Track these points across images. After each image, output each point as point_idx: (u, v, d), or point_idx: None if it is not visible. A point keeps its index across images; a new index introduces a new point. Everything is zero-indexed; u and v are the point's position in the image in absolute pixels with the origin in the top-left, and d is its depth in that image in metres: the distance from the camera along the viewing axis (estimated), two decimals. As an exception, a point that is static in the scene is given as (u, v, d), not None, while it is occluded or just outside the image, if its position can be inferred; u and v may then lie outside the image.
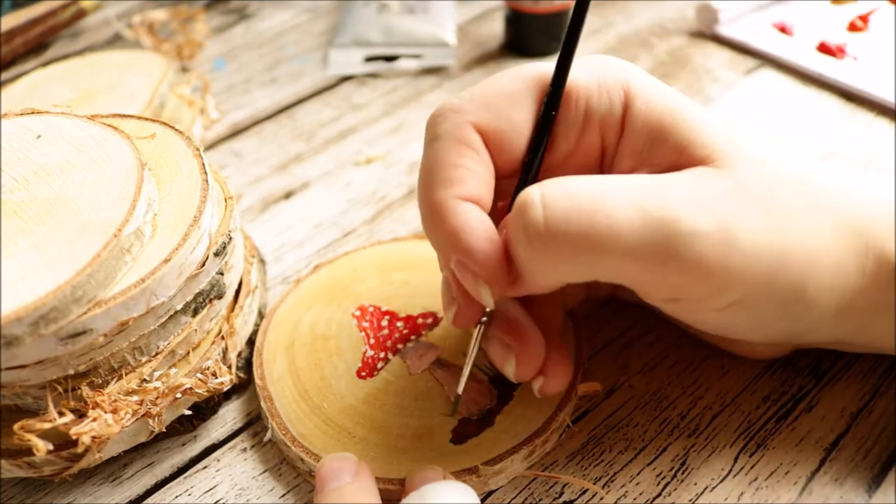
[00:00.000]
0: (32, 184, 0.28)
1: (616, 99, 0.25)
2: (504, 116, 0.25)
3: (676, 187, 0.23)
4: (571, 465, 0.29)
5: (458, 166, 0.25)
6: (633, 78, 0.26)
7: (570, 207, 0.22)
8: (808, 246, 0.23)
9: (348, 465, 0.26)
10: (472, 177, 0.25)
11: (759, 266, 0.23)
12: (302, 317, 0.34)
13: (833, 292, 0.24)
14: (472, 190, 0.24)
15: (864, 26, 0.51)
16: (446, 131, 0.25)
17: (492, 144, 0.25)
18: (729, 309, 0.24)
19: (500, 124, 0.25)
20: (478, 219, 0.24)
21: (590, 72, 0.26)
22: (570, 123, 0.26)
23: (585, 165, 0.27)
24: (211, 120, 0.49)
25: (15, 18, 0.56)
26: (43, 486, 0.30)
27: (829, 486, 0.28)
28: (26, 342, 0.24)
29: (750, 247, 0.22)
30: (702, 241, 0.22)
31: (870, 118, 0.45)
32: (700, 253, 0.22)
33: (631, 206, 0.22)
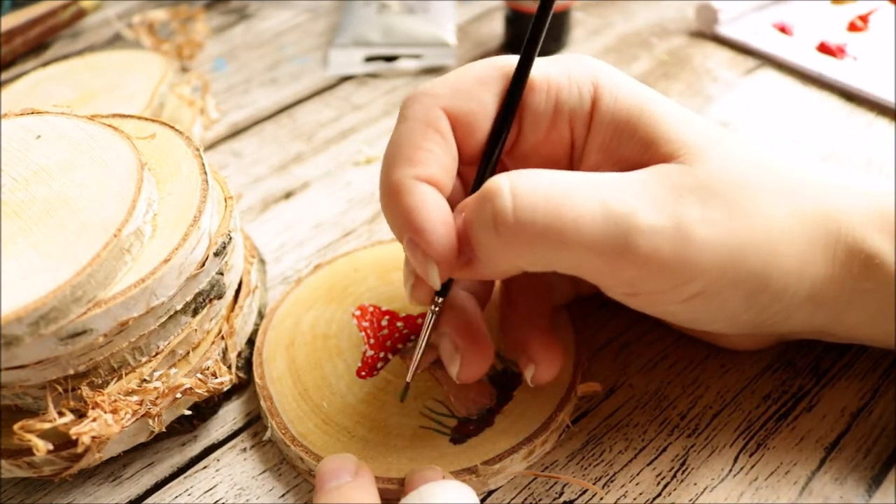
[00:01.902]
0: (32, 184, 0.28)
1: (585, 93, 0.26)
2: (475, 100, 0.26)
3: (637, 184, 0.23)
4: (571, 465, 0.29)
5: (421, 148, 0.25)
6: (602, 73, 0.26)
7: (537, 199, 0.22)
8: (771, 235, 0.24)
9: (348, 464, 0.27)
10: (434, 159, 0.25)
11: (718, 259, 0.23)
12: (302, 316, 0.34)
13: (801, 280, 0.25)
14: (431, 171, 0.25)
15: (864, 26, 0.51)
16: (415, 113, 0.26)
17: (460, 129, 0.26)
18: (691, 301, 0.24)
19: (470, 108, 0.26)
20: (433, 200, 0.24)
21: (560, 66, 0.26)
22: (539, 114, 0.26)
23: (554, 158, 0.27)
24: (211, 120, 0.49)
25: (15, 18, 0.56)
26: (43, 486, 0.30)
27: (829, 486, 0.28)
28: (26, 342, 0.24)
29: (706, 241, 0.23)
30: (656, 236, 0.22)
31: (870, 118, 0.45)
32: (654, 248, 0.22)
33: (594, 200, 0.22)
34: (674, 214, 0.23)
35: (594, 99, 0.26)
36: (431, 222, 0.24)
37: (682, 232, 0.23)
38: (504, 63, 0.26)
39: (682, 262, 0.23)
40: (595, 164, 0.26)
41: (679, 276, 0.23)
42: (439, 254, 0.24)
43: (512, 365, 0.31)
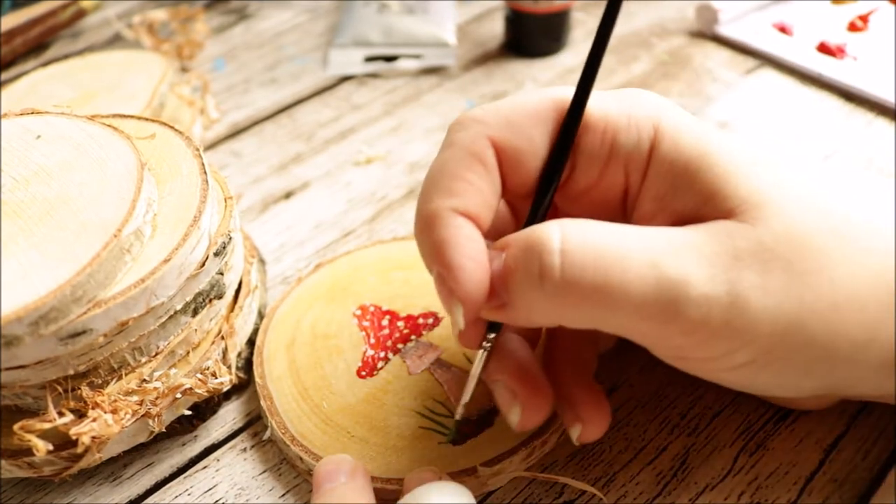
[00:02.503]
0: (32, 184, 0.28)
1: (645, 136, 0.24)
2: (524, 135, 0.24)
3: (692, 245, 0.22)
4: (571, 465, 0.29)
5: (462, 179, 0.24)
6: (665, 115, 0.24)
7: (586, 258, 0.21)
8: (837, 302, 0.22)
9: (344, 466, 0.27)
10: (474, 192, 0.24)
11: (772, 328, 0.21)
12: (303, 316, 0.34)
13: (870, 349, 0.22)
14: (469, 205, 0.24)
15: (864, 26, 0.51)
16: (461, 140, 0.24)
17: (507, 162, 0.25)
18: (742, 369, 0.23)
19: (518, 143, 0.24)
20: (467, 235, 0.23)
21: (621, 104, 0.25)
22: (593, 155, 0.25)
23: (606, 202, 0.26)
24: (211, 120, 0.49)
25: (15, 18, 0.56)
26: (43, 486, 0.30)
27: (828, 487, 0.28)
28: (26, 342, 0.24)
29: (761, 311, 0.21)
30: (708, 304, 0.21)
31: (870, 118, 0.45)
32: (704, 316, 0.21)
33: (646, 263, 0.21)
34: (728, 281, 0.21)
35: (653, 144, 0.24)
36: (462, 259, 0.23)
37: (735, 300, 0.21)
38: (561, 97, 0.25)
39: (732, 331, 0.21)
40: (649, 213, 0.25)
41: (730, 344, 0.22)
42: (466, 294, 0.23)
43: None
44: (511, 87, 0.51)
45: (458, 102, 0.50)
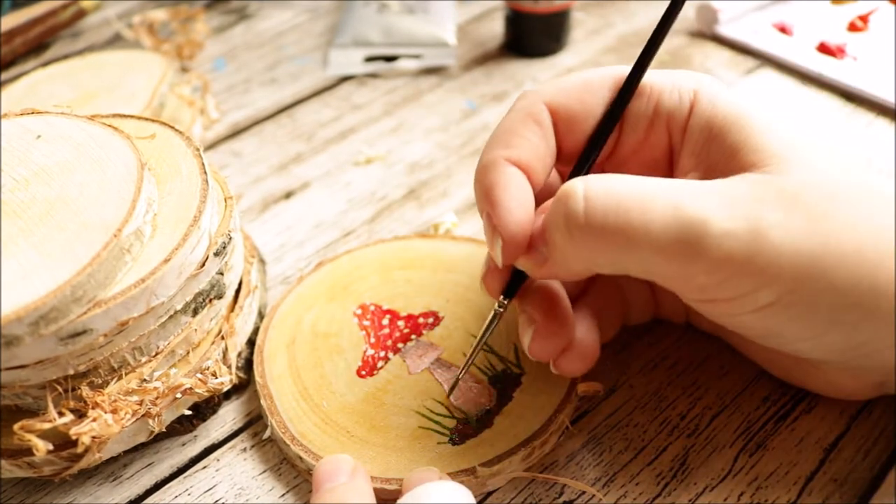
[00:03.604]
0: (32, 184, 0.28)
1: (686, 98, 0.26)
2: (579, 100, 0.27)
3: (714, 191, 0.23)
4: (571, 465, 0.29)
5: (517, 134, 0.26)
6: (705, 81, 0.27)
7: (609, 202, 0.23)
8: (862, 249, 0.22)
9: (344, 465, 0.27)
10: (528, 146, 0.26)
11: (795, 266, 0.22)
12: (304, 314, 0.34)
13: None
14: (522, 156, 0.26)
15: (864, 26, 0.51)
16: (520, 105, 0.27)
17: (561, 125, 0.27)
18: (766, 310, 0.23)
19: (573, 107, 0.27)
20: (516, 180, 0.26)
21: (664, 73, 0.27)
22: (639, 116, 0.27)
23: (652, 163, 0.28)
24: (211, 120, 0.49)
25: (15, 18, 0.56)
26: (43, 486, 0.30)
27: (828, 487, 0.28)
28: (26, 342, 0.24)
29: (783, 248, 0.22)
30: (729, 239, 0.22)
31: (870, 118, 0.45)
32: (727, 252, 0.22)
33: (666, 205, 0.23)
34: (749, 219, 0.22)
35: (693, 104, 0.26)
36: (508, 200, 0.25)
37: (757, 237, 0.22)
38: (612, 70, 0.28)
39: (755, 267, 0.22)
40: (687, 168, 0.26)
41: (752, 282, 0.22)
42: (507, 231, 0.25)
43: (512, 366, 0.31)
44: (511, 87, 0.51)
45: (458, 102, 0.50)
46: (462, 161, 0.45)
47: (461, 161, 0.45)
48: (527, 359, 0.31)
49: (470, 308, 0.34)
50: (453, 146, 0.46)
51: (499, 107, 0.49)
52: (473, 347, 0.29)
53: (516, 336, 0.32)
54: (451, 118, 0.48)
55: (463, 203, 0.42)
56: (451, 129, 0.47)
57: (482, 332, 0.29)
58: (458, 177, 0.44)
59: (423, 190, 0.43)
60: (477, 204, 0.27)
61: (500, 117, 0.48)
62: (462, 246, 0.37)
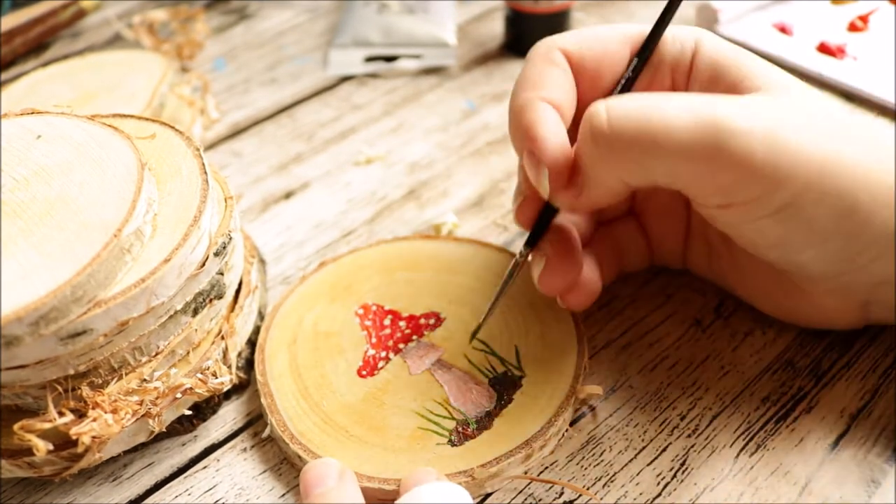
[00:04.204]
0: (32, 184, 0.28)
1: (687, 47, 0.29)
2: (589, 48, 0.29)
3: (728, 99, 0.25)
4: (571, 465, 0.29)
5: (544, 77, 0.28)
6: (704, 33, 0.29)
7: (630, 111, 0.25)
8: (860, 158, 0.25)
9: (331, 469, 0.27)
10: (556, 85, 0.28)
11: (808, 167, 0.24)
12: (305, 314, 0.34)
13: (889, 215, 0.25)
14: (553, 94, 0.28)
15: (864, 26, 0.51)
16: (538, 53, 0.29)
17: (576, 70, 0.29)
18: (780, 214, 0.25)
19: (584, 52, 0.29)
20: (551, 116, 0.27)
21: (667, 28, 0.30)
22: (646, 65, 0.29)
23: None
24: (211, 120, 0.49)
25: (15, 18, 0.56)
26: (43, 486, 0.30)
27: (828, 487, 0.28)
28: (26, 342, 0.24)
29: (798, 148, 0.24)
30: (749, 137, 0.24)
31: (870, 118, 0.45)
32: (747, 148, 0.24)
33: (685, 109, 0.24)
34: (765, 119, 0.24)
35: (695, 50, 0.29)
36: (548, 132, 0.27)
37: (773, 135, 0.24)
38: (622, 27, 0.30)
39: (774, 165, 0.24)
40: None
41: (770, 181, 0.24)
42: (551, 159, 0.27)
43: (512, 368, 0.31)
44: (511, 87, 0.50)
45: (458, 102, 0.50)
46: (462, 161, 0.45)
47: (461, 161, 0.45)
48: (527, 361, 0.31)
49: (471, 309, 0.34)
50: (453, 146, 0.46)
51: (499, 107, 0.49)
52: (495, 296, 0.31)
53: (517, 338, 0.32)
54: (451, 118, 0.48)
55: (463, 203, 0.42)
56: (451, 129, 0.47)
57: (505, 279, 0.31)
58: (458, 177, 0.44)
59: (423, 190, 0.43)
60: (515, 145, 0.29)
61: (501, 117, 0.48)
62: (464, 247, 0.37)
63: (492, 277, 0.35)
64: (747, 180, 0.24)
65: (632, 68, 0.29)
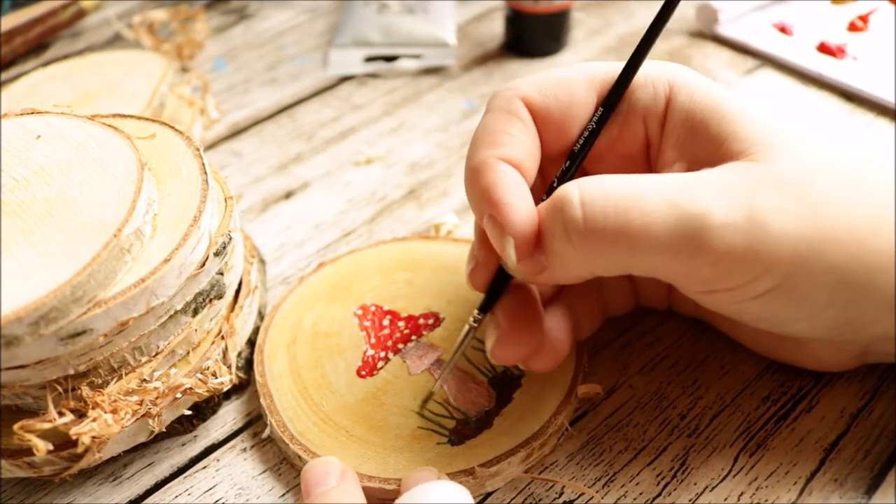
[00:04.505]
0: (32, 184, 0.28)
1: (660, 91, 0.27)
2: (553, 95, 0.27)
3: (708, 183, 0.23)
4: (571, 465, 0.29)
5: (504, 132, 0.26)
6: (678, 73, 0.27)
7: (607, 205, 0.23)
8: (854, 226, 0.23)
9: (333, 469, 0.27)
10: (516, 142, 0.26)
11: (793, 250, 0.23)
12: (304, 314, 0.34)
13: (889, 275, 0.24)
14: (513, 153, 0.26)
15: (864, 26, 0.51)
16: (497, 104, 0.27)
17: (540, 121, 0.27)
18: (767, 296, 0.24)
19: (548, 102, 0.27)
20: (513, 178, 0.25)
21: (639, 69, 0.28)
22: (615, 113, 0.27)
23: (629, 156, 0.28)
24: (211, 120, 0.49)
25: (15, 18, 0.56)
26: (43, 486, 0.30)
27: (828, 487, 0.28)
28: (26, 342, 0.24)
29: (781, 234, 0.23)
30: (730, 231, 0.22)
31: (870, 118, 0.45)
32: (729, 243, 0.22)
33: (664, 203, 0.23)
34: (747, 207, 0.23)
35: (669, 97, 0.26)
36: (510, 197, 0.25)
37: (755, 224, 0.23)
38: (586, 68, 0.28)
39: (756, 255, 0.23)
40: (671, 160, 0.27)
41: (754, 270, 0.23)
42: (517, 228, 0.24)
43: (512, 368, 0.31)
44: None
45: (458, 102, 0.50)
46: (462, 161, 0.45)
47: (461, 161, 0.45)
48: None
49: (470, 310, 0.34)
50: (453, 146, 0.46)
51: (499, 107, 0.49)
52: (448, 362, 0.29)
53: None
54: (451, 118, 0.48)
55: (463, 203, 0.42)
56: (451, 129, 0.47)
57: (456, 347, 0.29)
58: (458, 177, 0.44)
59: (423, 190, 0.43)
60: (473, 207, 0.27)
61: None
62: (463, 248, 0.37)
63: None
64: (730, 272, 0.23)
65: (596, 119, 0.27)
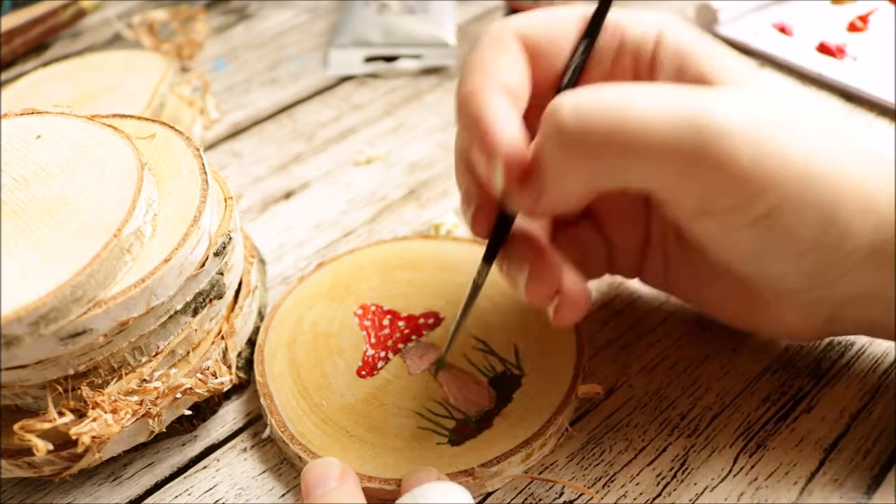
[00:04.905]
0: (32, 184, 0.28)
1: (650, 32, 0.26)
2: (543, 30, 0.26)
3: (709, 91, 0.23)
4: (571, 466, 0.29)
5: (495, 62, 0.25)
6: (667, 19, 0.27)
7: (601, 105, 0.22)
8: (840, 167, 0.23)
9: (333, 469, 0.26)
10: (507, 70, 0.25)
11: (792, 173, 0.22)
12: (304, 314, 0.34)
13: (867, 223, 0.24)
14: (504, 78, 0.25)
15: (864, 26, 0.51)
16: (491, 37, 0.26)
17: (531, 55, 0.26)
18: (759, 224, 0.23)
19: (538, 36, 0.26)
20: (504, 105, 0.24)
21: (626, 12, 0.27)
22: (604, 49, 0.27)
23: None
24: (211, 120, 0.49)
25: (15, 18, 0.56)
26: (43, 486, 0.30)
27: (828, 487, 0.28)
28: (26, 342, 0.24)
29: (783, 151, 0.22)
30: (735, 138, 0.21)
31: (870, 118, 0.45)
32: (733, 150, 0.22)
33: (663, 102, 0.22)
34: (752, 117, 0.22)
35: (658, 37, 0.26)
36: (500, 120, 0.24)
37: (760, 136, 0.22)
38: (578, 8, 0.27)
39: (759, 169, 0.22)
40: None
41: (752, 186, 0.22)
42: (504, 148, 0.23)
43: (512, 367, 0.31)
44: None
45: (458, 102, 0.50)
46: (462, 161, 0.45)
47: (461, 161, 0.45)
48: (527, 360, 0.31)
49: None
50: (453, 146, 0.46)
51: (499, 107, 0.49)
52: (455, 326, 0.29)
53: (516, 337, 0.32)
54: (451, 118, 0.48)
55: (463, 203, 0.42)
56: (451, 129, 0.47)
57: (463, 306, 0.29)
58: (458, 177, 0.44)
59: (424, 190, 0.43)
60: (463, 137, 0.26)
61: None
62: (463, 247, 0.37)
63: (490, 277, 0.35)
64: (729, 185, 0.22)
65: (581, 51, 0.26)
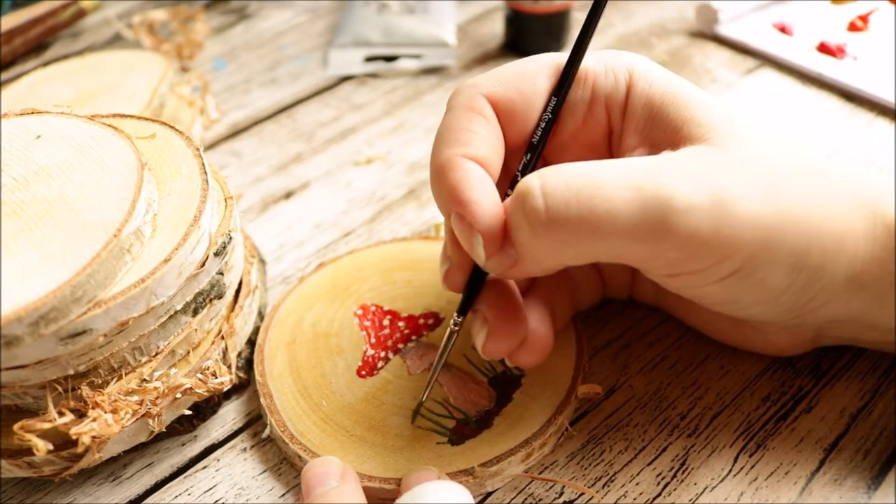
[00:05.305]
0: (32, 184, 0.28)
1: (621, 79, 0.27)
2: (515, 89, 0.27)
3: (670, 166, 0.24)
4: (571, 465, 0.29)
5: (467, 130, 0.26)
6: (638, 63, 0.27)
7: (569, 194, 0.23)
8: (809, 211, 0.24)
9: (333, 469, 0.27)
10: (479, 139, 0.26)
11: (756, 234, 0.23)
12: (304, 314, 0.34)
13: (840, 259, 0.24)
14: (477, 150, 0.26)
15: (864, 26, 0.51)
16: (459, 102, 0.27)
17: (503, 115, 0.27)
18: (730, 279, 0.24)
19: (510, 95, 0.27)
20: (478, 175, 0.25)
21: (597, 58, 0.28)
22: (577, 101, 0.27)
23: (592, 144, 0.28)
24: (211, 120, 0.49)
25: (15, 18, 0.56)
26: (43, 486, 0.30)
27: (828, 487, 0.28)
28: (26, 342, 0.24)
29: (744, 216, 0.23)
30: (695, 214, 0.22)
31: (870, 118, 0.45)
32: (694, 227, 0.22)
33: (627, 188, 0.23)
34: (710, 190, 0.23)
35: (629, 85, 0.27)
36: (476, 194, 0.24)
37: (720, 208, 0.23)
38: (545, 58, 0.28)
39: (721, 239, 0.23)
40: (633, 145, 0.27)
41: (718, 253, 0.23)
42: (484, 225, 0.24)
43: (511, 367, 0.31)
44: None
45: (458, 102, 0.50)
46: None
47: (461, 161, 0.45)
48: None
49: (470, 308, 0.34)
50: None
51: (499, 107, 0.49)
52: (433, 371, 0.29)
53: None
54: (451, 118, 0.48)
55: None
56: (451, 129, 0.47)
57: (439, 354, 0.29)
58: (458, 177, 0.44)
59: (424, 190, 0.43)
60: (440, 207, 0.26)
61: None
62: (462, 246, 0.37)
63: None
64: (695, 255, 0.23)
65: (551, 108, 0.27)
